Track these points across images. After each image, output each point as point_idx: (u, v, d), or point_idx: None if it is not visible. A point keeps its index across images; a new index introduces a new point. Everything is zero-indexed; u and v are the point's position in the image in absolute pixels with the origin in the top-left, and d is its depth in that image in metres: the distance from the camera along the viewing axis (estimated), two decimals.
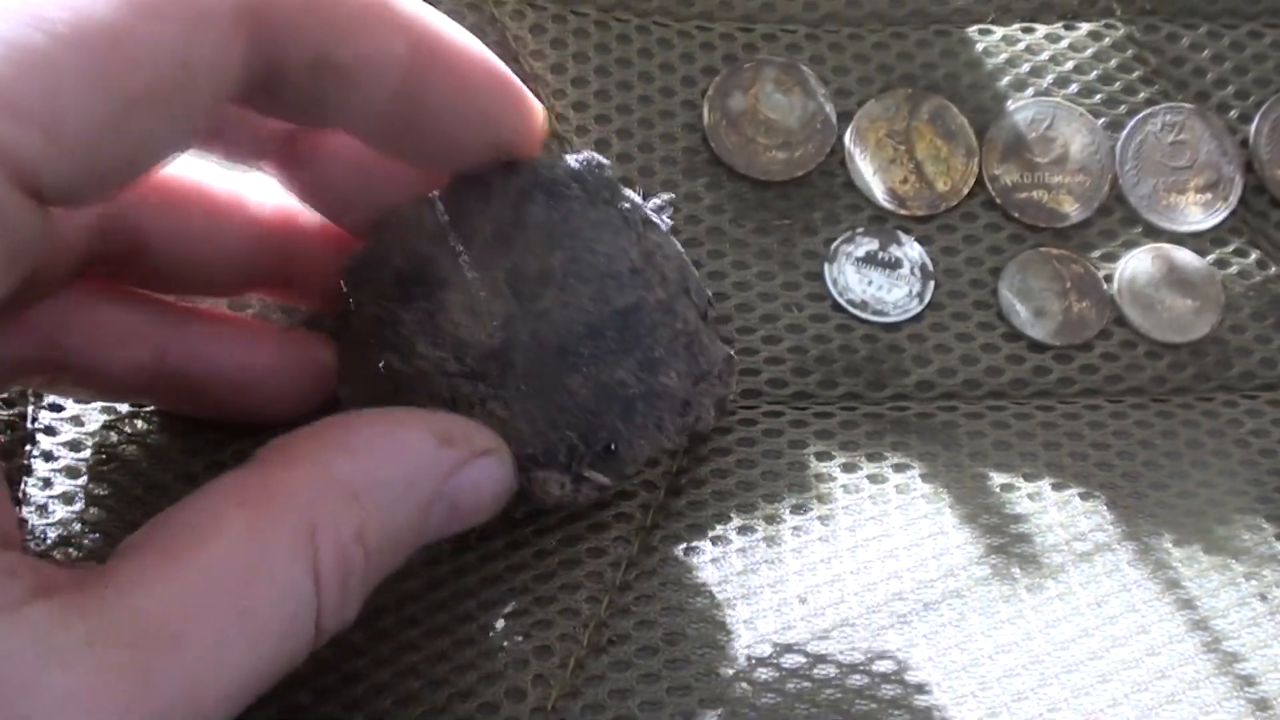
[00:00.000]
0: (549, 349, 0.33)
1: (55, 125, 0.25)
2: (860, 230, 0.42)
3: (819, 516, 0.37)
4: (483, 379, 0.33)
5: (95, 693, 0.24)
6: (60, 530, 0.35)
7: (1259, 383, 0.42)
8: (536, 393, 0.33)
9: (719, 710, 0.32)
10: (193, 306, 0.36)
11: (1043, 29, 0.45)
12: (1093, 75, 0.44)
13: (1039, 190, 0.43)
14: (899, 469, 0.39)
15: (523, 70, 0.42)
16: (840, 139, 0.43)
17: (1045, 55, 0.45)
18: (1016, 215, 0.43)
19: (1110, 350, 0.42)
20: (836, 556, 0.36)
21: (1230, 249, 0.43)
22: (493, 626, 0.34)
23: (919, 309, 0.42)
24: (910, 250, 0.42)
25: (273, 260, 0.36)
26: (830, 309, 0.41)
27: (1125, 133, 0.44)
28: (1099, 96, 0.44)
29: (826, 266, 0.42)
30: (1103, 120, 0.44)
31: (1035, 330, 0.41)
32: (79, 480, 0.35)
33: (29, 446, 0.36)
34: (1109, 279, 0.42)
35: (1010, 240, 0.43)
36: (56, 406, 0.36)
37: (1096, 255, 0.43)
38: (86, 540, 0.35)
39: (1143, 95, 0.44)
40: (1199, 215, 0.43)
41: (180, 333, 0.34)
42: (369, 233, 0.34)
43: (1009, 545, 0.37)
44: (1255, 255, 0.43)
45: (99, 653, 0.25)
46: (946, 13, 0.45)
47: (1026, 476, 0.39)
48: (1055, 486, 0.39)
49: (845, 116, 0.44)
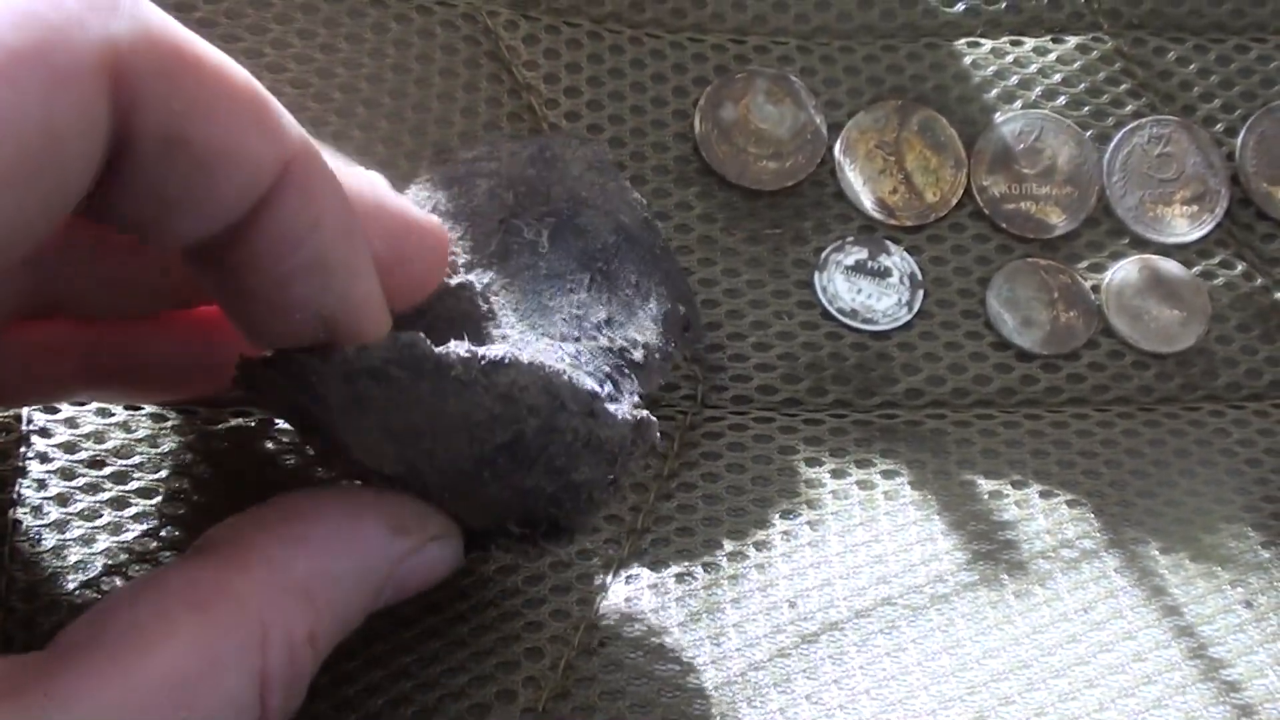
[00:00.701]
0: (451, 474, 0.31)
1: None
2: (850, 239, 0.43)
3: (808, 522, 0.38)
4: (405, 486, 0.32)
5: None
6: (55, 534, 0.35)
7: (1245, 393, 0.42)
8: (461, 498, 0.32)
9: (709, 712, 0.33)
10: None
11: (1031, 42, 0.45)
12: (1080, 88, 0.45)
13: (1027, 201, 0.44)
14: (888, 476, 0.39)
15: (516, 80, 0.43)
16: (830, 150, 0.44)
17: (1033, 68, 0.45)
18: (1004, 226, 0.43)
19: (1097, 360, 0.42)
20: (826, 562, 0.37)
21: (1216, 261, 0.44)
22: (484, 629, 0.34)
23: (908, 317, 0.42)
24: (899, 259, 0.43)
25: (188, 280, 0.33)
26: (820, 317, 0.42)
27: (1112, 145, 0.44)
28: (1086, 109, 0.45)
29: (816, 275, 0.42)
30: (1090, 133, 0.44)
31: (1023, 339, 0.42)
32: (73, 482, 0.36)
33: (23, 449, 0.36)
34: (1096, 289, 0.43)
35: (998, 251, 0.43)
36: (52, 409, 0.37)
37: (1083, 266, 0.43)
38: (79, 544, 0.35)
39: (1130, 108, 0.45)
40: (1185, 227, 0.44)
41: (107, 329, 0.33)
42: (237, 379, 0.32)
43: (997, 552, 0.37)
44: (1241, 267, 0.44)
45: None
46: (936, 26, 0.45)
47: (1014, 484, 0.39)
48: (1043, 494, 0.39)
49: (835, 127, 0.44)
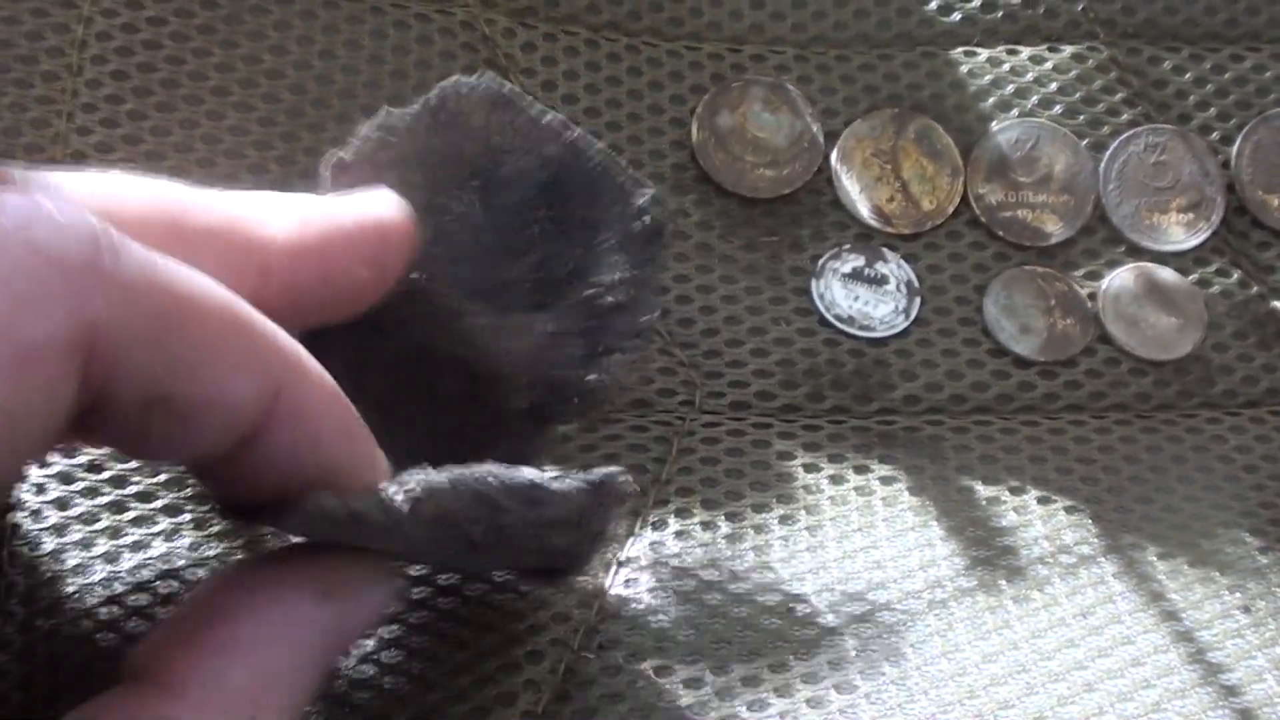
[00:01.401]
0: (438, 561, 0.32)
1: None
2: (847, 247, 0.43)
3: (806, 527, 0.38)
4: None
5: None
6: (54, 538, 0.35)
7: (1242, 400, 0.42)
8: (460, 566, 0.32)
9: (709, 717, 0.33)
10: None
11: (1027, 51, 0.46)
12: (1076, 97, 0.45)
13: (1023, 209, 0.44)
14: (886, 482, 0.39)
15: (514, 87, 0.43)
16: (827, 158, 0.44)
17: (1029, 77, 0.45)
18: (1001, 234, 0.44)
19: (1094, 367, 0.42)
20: (824, 567, 0.37)
21: (1213, 268, 0.44)
22: (485, 629, 0.34)
23: (905, 324, 0.42)
24: (896, 267, 0.43)
25: None
26: (817, 324, 0.42)
27: (1108, 154, 0.44)
28: (1082, 118, 0.45)
29: (814, 282, 0.42)
30: (1086, 141, 0.45)
31: (1020, 346, 0.42)
32: (72, 486, 0.36)
33: None
34: (1093, 297, 0.43)
35: (995, 258, 0.43)
36: None
37: (1080, 274, 0.43)
38: (77, 548, 0.35)
39: (1125, 117, 0.45)
40: (1181, 235, 0.44)
41: None
42: None
43: (995, 557, 0.37)
44: (1237, 275, 0.44)
45: None
46: (932, 35, 0.45)
47: (1012, 490, 0.39)
48: (1041, 500, 0.39)
49: (832, 136, 0.44)
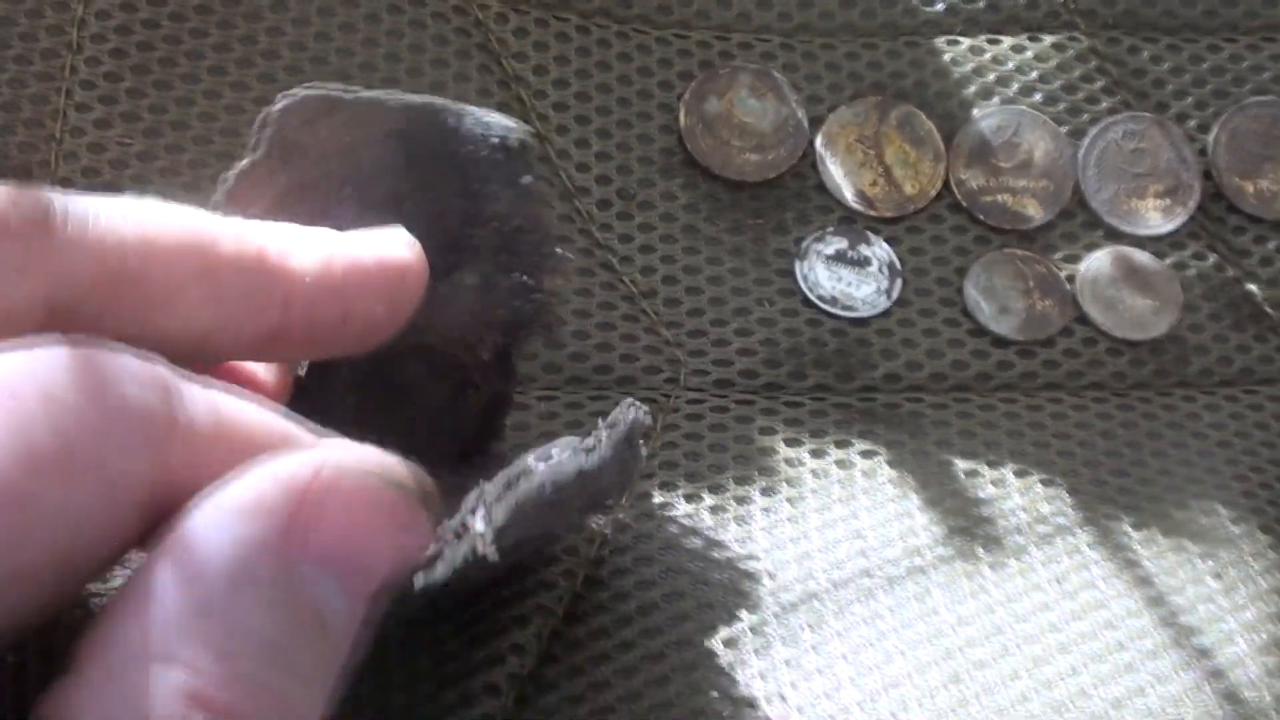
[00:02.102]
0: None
1: None
2: (830, 230, 0.44)
3: (788, 499, 0.38)
4: None
5: None
6: None
7: (1216, 379, 0.43)
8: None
9: (690, 677, 0.33)
10: None
11: (1008, 40, 0.46)
12: (1056, 85, 0.46)
13: (1004, 194, 0.45)
14: (866, 455, 0.40)
15: (505, 71, 0.44)
16: (812, 143, 0.45)
17: (1010, 65, 0.46)
18: (982, 218, 0.44)
19: (1072, 347, 0.43)
20: (805, 536, 0.37)
21: (1189, 252, 0.45)
22: (472, 596, 0.34)
23: (887, 305, 0.43)
24: (878, 249, 0.44)
25: None
26: (801, 304, 0.43)
27: (1087, 140, 0.45)
28: (1062, 105, 0.46)
29: (797, 264, 0.43)
30: (1065, 128, 0.46)
31: (999, 326, 0.43)
32: None
33: None
34: (1071, 279, 0.44)
35: (976, 242, 0.44)
36: None
37: (1059, 257, 0.44)
38: None
39: (1104, 105, 0.46)
40: (1159, 220, 0.45)
41: None
42: None
43: (972, 527, 0.38)
44: (1213, 259, 0.45)
45: None
46: (915, 25, 0.46)
47: (990, 464, 0.40)
48: (1018, 473, 0.40)
49: (817, 122, 0.45)
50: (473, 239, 0.34)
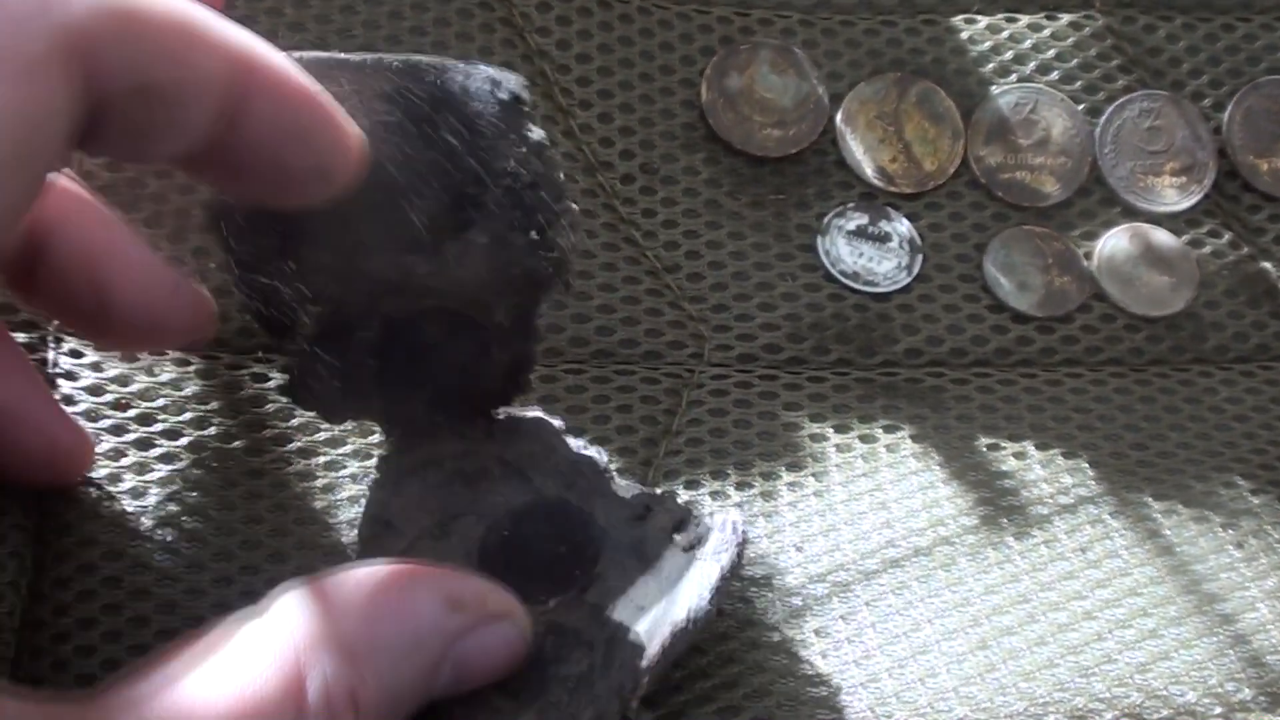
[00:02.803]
0: None
1: None
2: (851, 205, 0.44)
3: (813, 474, 0.39)
4: None
5: None
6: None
7: (1232, 355, 0.43)
8: None
9: (720, 646, 0.34)
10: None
11: (1025, 19, 0.47)
12: (1073, 63, 0.46)
13: (1022, 171, 0.45)
14: (889, 430, 0.40)
15: (529, 46, 0.44)
16: (832, 119, 0.45)
17: (1028, 44, 0.46)
18: (1000, 195, 0.45)
19: (1090, 323, 0.43)
20: (831, 510, 0.38)
21: (1204, 230, 0.45)
22: None
23: (908, 280, 0.43)
24: (899, 225, 0.44)
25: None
26: (823, 279, 0.43)
27: (1104, 118, 0.46)
28: (1079, 83, 0.46)
29: (819, 239, 0.43)
30: (1082, 106, 0.46)
31: (1019, 302, 0.43)
32: (99, 424, 0.37)
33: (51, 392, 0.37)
34: (1088, 256, 0.44)
35: (994, 218, 0.45)
36: (77, 353, 0.38)
37: (1076, 234, 0.45)
38: (106, 482, 0.36)
39: (1121, 83, 0.46)
40: (1175, 197, 0.45)
41: (65, 220, 0.34)
42: None
43: (996, 499, 0.38)
44: (1228, 236, 0.45)
45: None
46: (934, 2, 0.47)
47: (1011, 437, 0.40)
48: (1039, 446, 0.40)
49: (837, 98, 0.45)
50: (484, 196, 0.33)
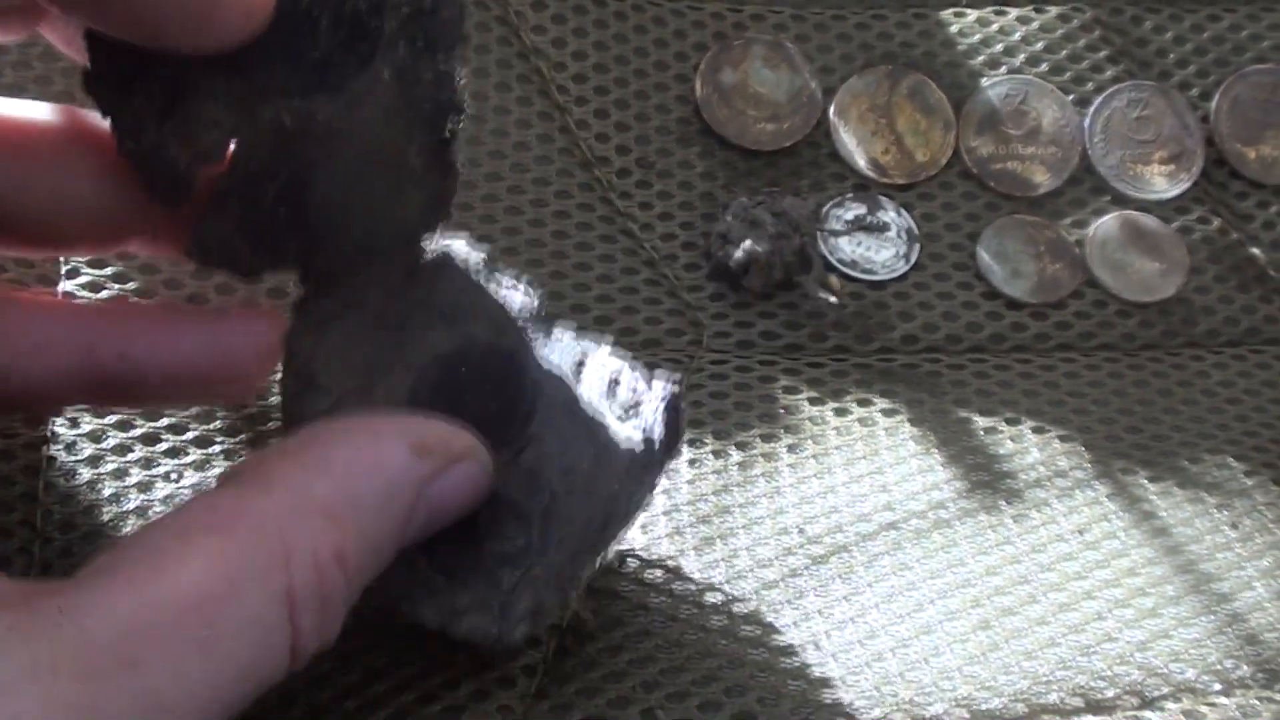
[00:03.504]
0: None
1: None
2: (849, 196, 0.45)
3: (814, 455, 0.39)
4: None
5: None
6: (89, 469, 0.36)
7: (1223, 339, 0.44)
8: None
9: (725, 625, 0.34)
10: (116, 303, 0.36)
11: (1014, 11, 0.47)
12: (1062, 55, 0.47)
13: (1013, 161, 0.46)
14: (888, 414, 0.41)
15: (524, 43, 0.44)
16: (825, 112, 0.46)
17: (1017, 36, 0.47)
18: (992, 185, 0.45)
19: (1083, 309, 0.44)
20: (832, 491, 0.38)
21: (1194, 216, 0.46)
22: None
23: (905, 269, 0.44)
24: (896, 215, 0.44)
25: (128, 201, 0.33)
26: (821, 268, 0.43)
27: (1093, 108, 0.46)
28: (1068, 74, 0.47)
29: (817, 229, 0.44)
30: (1072, 96, 0.47)
31: (1012, 289, 0.44)
32: (105, 419, 0.37)
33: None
34: (1080, 244, 0.45)
35: (986, 208, 0.45)
36: None
37: (1067, 222, 0.45)
38: (112, 478, 0.36)
39: (1109, 74, 0.47)
40: (1164, 185, 0.46)
41: (105, 330, 0.33)
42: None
43: (994, 481, 0.39)
44: (1217, 223, 0.46)
45: (44, 683, 0.23)
46: None
47: (1008, 421, 0.41)
48: (1035, 430, 0.41)
49: (829, 91, 0.46)
50: (383, 26, 0.31)
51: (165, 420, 0.37)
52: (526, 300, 0.34)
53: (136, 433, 0.37)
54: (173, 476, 0.36)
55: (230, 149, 0.31)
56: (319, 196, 0.32)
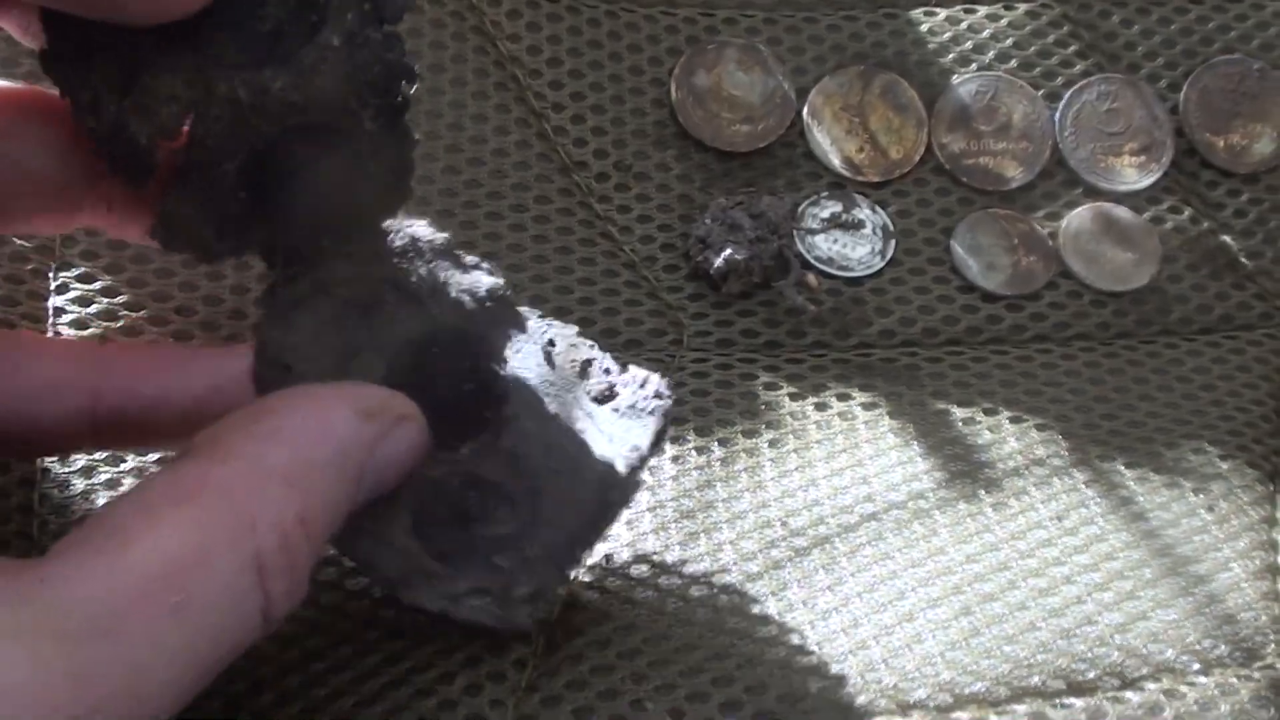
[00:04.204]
0: None
1: None
2: (825, 195, 0.45)
3: (794, 449, 0.40)
4: None
5: (24, 687, 0.24)
6: (83, 480, 0.36)
7: (1197, 327, 0.45)
8: None
9: (709, 618, 0.35)
10: (118, 342, 0.36)
11: (983, 9, 0.48)
12: (1031, 50, 0.48)
13: (985, 157, 0.46)
14: (867, 408, 0.41)
15: (500, 52, 0.45)
16: (799, 113, 0.46)
17: (986, 33, 0.48)
18: (965, 180, 0.46)
19: (1057, 300, 0.44)
20: (813, 484, 0.39)
21: (1165, 206, 0.46)
22: None
23: (881, 265, 0.44)
24: (871, 212, 0.45)
25: (88, 171, 0.33)
26: (798, 265, 0.44)
27: (1063, 102, 0.47)
28: (1038, 70, 0.47)
29: (793, 227, 0.44)
30: (1042, 91, 0.47)
31: (987, 282, 0.44)
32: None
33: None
34: (1053, 236, 0.45)
35: (960, 203, 0.46)
36: None
37: (1040, 215, 0.46)
38: (105, 488, 0.36)
39: (1078, 68, 0.48)
40: (1135, 176, 0.47)
41: (111, 371, 0.33)
42: None
43: (973, 471, 0.39)
44: (1188, 212, 0.46)
45: (29, 645, 0.24)
46: None
47: (986, 412, 0.41)
48: (1013, 420, 0.41)
49: (803, 92, 0.47)
50: None
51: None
52: (492, 281, 0.34)
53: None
54: None
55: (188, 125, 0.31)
56: (279, 173, 0.32)
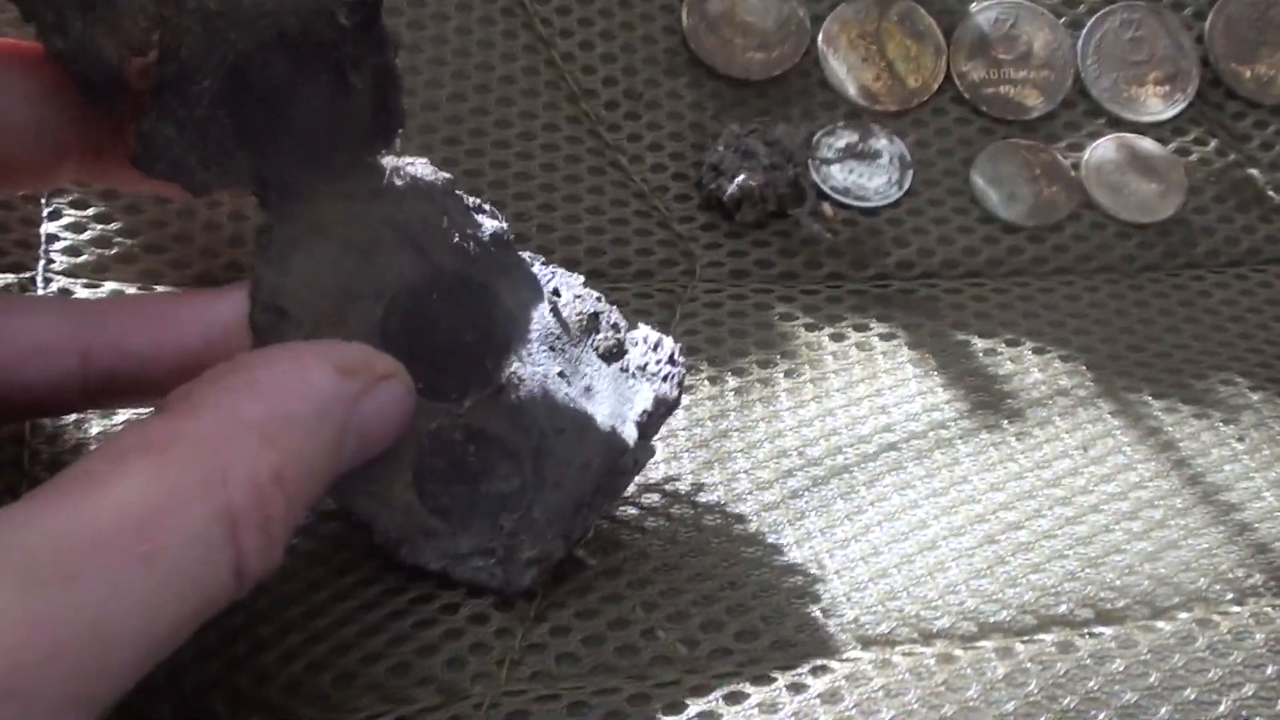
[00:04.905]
0: None
1: None
2: (841, 124, 0.44)
3: (811, 380, 0.39)
4: None
5: None
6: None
7: (1224, 260, 0.43)
8: None
9: (725, 547, 0.34)
10: (106, 298, 0.35)
11: None
12: None
13: (1005, 85, 0.45)
14: (885, 338, 0.40)
15: None
16: (814, 40, 0.45)
17: None
18: (985, 109, 0.45)
19: (1081, 231, 0.43)
20: (830, 414, 0.38)
21: (1190, 137, 0.45)
22: None
23: (898, 195, 0.43)
24: (888, 142, 0.44)
25: (71, 118, 0.32)
26: (814, 195, 0.43)
27: (1085, 30, 0.46)
28: None
29: (809, 157, 0.43)
30: (1064, 19, 0.46)
31: (1008, 213, 0.43)
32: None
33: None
34: (1076, 167, 0.44)
35: (980, 133, 0.45)
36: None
37: (1062, 145, 0.45)
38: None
39: None
40: (1159, 106, 0.45)
41: (101, 329, 0.32)
42: None
43: (996, 401, 0.38)
44: (1214, 143, 0.45)
45: None
46: None
47: (1008, 343, 0.40)
48: (1036, 350, 0.40)
49: (818, 20, 0.45)
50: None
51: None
52: (496, 225, 0.32)
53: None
54: None
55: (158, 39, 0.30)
56: (260, 93, 0.31)
